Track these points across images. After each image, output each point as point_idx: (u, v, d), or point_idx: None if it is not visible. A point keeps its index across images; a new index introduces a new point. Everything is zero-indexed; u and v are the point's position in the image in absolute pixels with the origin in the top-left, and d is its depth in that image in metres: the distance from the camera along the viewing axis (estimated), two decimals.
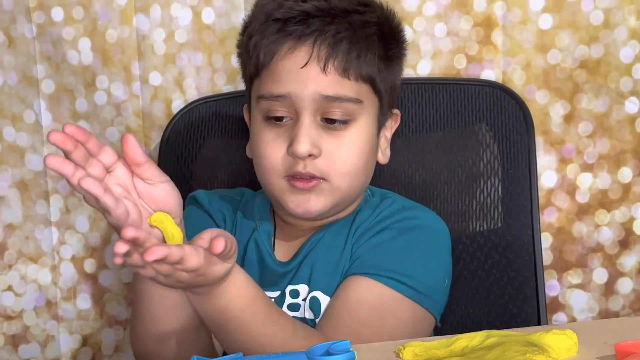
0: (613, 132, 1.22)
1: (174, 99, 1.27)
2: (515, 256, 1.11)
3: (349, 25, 0.92)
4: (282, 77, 0.91)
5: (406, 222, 0.95)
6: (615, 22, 1.19)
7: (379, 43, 0.94)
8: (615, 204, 1.23)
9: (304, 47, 0.90)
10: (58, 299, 1.33)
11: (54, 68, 1.28)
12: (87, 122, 1.29)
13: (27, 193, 1.30)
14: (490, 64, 1.22)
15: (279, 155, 0.92)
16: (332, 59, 0.90)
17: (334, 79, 0.91)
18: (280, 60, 0.91)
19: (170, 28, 1.26)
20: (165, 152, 1.21)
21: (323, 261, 0.95)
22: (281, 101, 0.91)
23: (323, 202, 0.93)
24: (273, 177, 0.93)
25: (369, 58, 0.92)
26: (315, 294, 0.93)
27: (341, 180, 0.93)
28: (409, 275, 0.91)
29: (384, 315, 0.90)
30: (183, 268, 0.73)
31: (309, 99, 0.90)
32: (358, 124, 0.93)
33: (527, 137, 1.13)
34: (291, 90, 0.91)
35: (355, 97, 0.92)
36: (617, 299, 1.25)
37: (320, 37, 0.90)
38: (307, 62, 0.90)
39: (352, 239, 0.95)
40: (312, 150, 0.90)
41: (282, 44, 0.91)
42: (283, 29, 0.91)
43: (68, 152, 0.71)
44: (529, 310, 1.10)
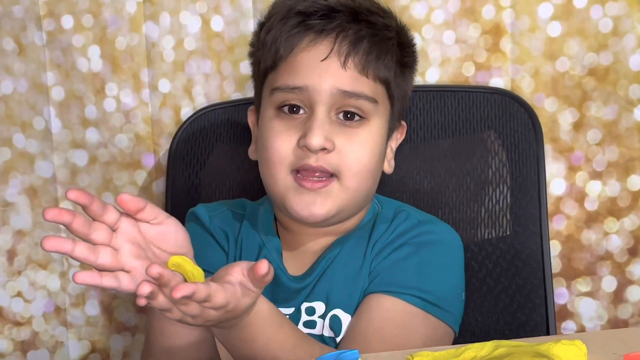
0: (622, 139, 1.21)
1: (183, 106, 1.28)
2: (524, 264, 1.11)
3: (371, 25, 0.92)
4: (301, 69, 0.90)
5: (423, 237, 0.94)
6: (625, 29, 1.19)
7: (397, 48, 0.94)
8: (625, 211, 1.23)
9: (325, 41, 0.90)
10: (67, 305, 1.33)
11: (64, 75, 1.29)
12: (96, 128, 1.29)
13: (36, 199, 1.30)
14: (499, 71, 1.21)
15: (290, 147, 0.90)
16: (353, 55, 0.90)
17: (353, 75, 0.90)
18: (300, 52, 0.90)
19: (179, 36, 1.26)
20: (174, 159, 1.22)
21: (341, 278, 0.93)
22: (297, 93, 0.90)
23: (329, 206, 0.91)
24: (280, 171, 0.91)
25: (387, 61, 0.92)
26: (335, 312, 0.92)
27: (352, 179, 0.91)
28: (430, 292, 0.90)
29: (409, 333, 0.89)
30: (211, 305, 0.71)
31: (326, 93, 0.89)
32: (371, 124, 0.92)
33: (535, 145, 1.13)
34: (309, 82, 0.90)
35: (371, 96, 0.91)
36: (627, 307, 1.24)
37: (342, 32, 0.90)
38: (327, 56, 0.89)
39: (370, 255, 0.94)
40: (326, 144, 0.89)
41: (303, 36, 0.90)
42: (305, 22, 0.91)
43: (67, 224, 0.70)
44: (537, 318, 1.10)
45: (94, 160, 1.30)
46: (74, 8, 1.26)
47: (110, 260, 0.72)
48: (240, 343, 0.79)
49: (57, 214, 0.69)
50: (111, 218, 0.73)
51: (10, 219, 1.30)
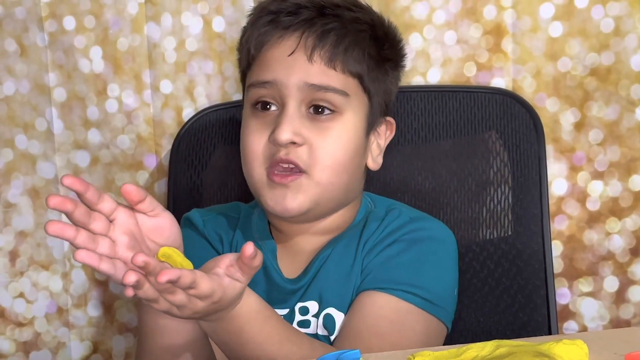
0: (624, 139, 1.21)
1: (185, 107, 1.28)
2: (526, 264, 1.11)
3: (338, 18, 0.93)
4: (270, 64, 0.92)
5: (415, 234, 0.95)
6: (626, 29, 1.19)
7: (370, 42, 0.95)
8: (626, 211, 1.23)
9: (293, 37, 0.92)
10: (69, 306, 1.33)
11: (66, 76, 1.29)
12: (98, 129, 1.30)
13: (38, 200, 1.31)
14: (501, 71, 1.22)
15: (262, 143, 0.92)
16: (319, 49, 0.91)
17: (320, 69, 0.91)
18: (269, 49, 0.93)
19: (181, 36, 1.26)
20: (176, 160, 1.22)
21: (333, 277, 0.94)
22: (268, 88, 0.92)
23: (301, 200, 0.91)
24: (255, 167, 0.93)
25: (356, 53, 0.93)
26: (328, 310, 0.93)
27: (322, 173, 0.91)
28: (422, 288, 0.91)
29: (402, 329, 0.89)
30: (196, 293, 0.72)
31: (294, 87, 0.91)
32: (344, 119, 0.93)
33: (537, 145, 1.13)
34: (277, 76, 0.91)
35: (341, 88, 0.92)
36: (628, 307, 1.24)
37: (309, 28, 0.92)
38: (294, 50, 0.91)
39: (361, 253, 0.94)
40: (294, 138, 0.90)
41: (272, 34, 0.93)
42: (274, 20, 0.93)
43: (69, 213, 0.70)
44: (539, 318, 1.10)
45: (96, 161, 1.30)
46: (75, 9, 1.27)
47: (108, 251, 0.72)
48: (227, 336, 0.80)
49: (60, 202, 0.70)
50: (107, 207, 0.74)
51: (13, 220, 1.30)
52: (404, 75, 1.22)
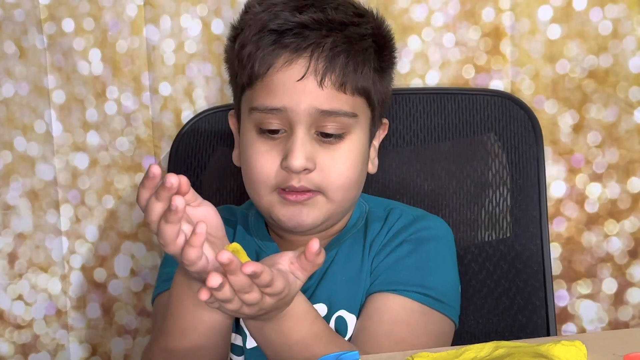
0: (622, 142, 1.21)
1: (184, 109, 1.28)
2: (524, 266, 1.11)
3: (346, 38, 0.90)
4: (277, 90, 0.90)
5: (421, 234, 0.95)
6: (624, 32, 1.19)
7: (374, 55, 0.94)
8: (625, 214, 1.23)
9: (301, 60, 0.89)
10: (68, 308, 1.33)
11: (65, 78, 1.29)
12: (97, 132, 1.30)
13: (37, 202, 1.31)
14: (499, 74, 1.22)
15: (273, 168, 0.91)
16: (330, 72, 0.89)
17: (331, 94, 0.89)
18: (276, 72, 0.90)
19: (179, 39, 1.26)
20: (175, 162, 1.22)
21: (341, 279, 0.94)
22: (276, 114, 0.90)
23: (316, 215, 0.92)
24: (263, 190, 0.92)
25: (365, 71, 0.92)
26: (340, 313, 0.93)
27: (336, 193, 0.92)
28: (432, 288, 0.91)
29: (418, 331, 0.90)
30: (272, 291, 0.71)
31: (304, 113, 0.89)
32: (352, 138, 0.92)
33: (535, 147, 1.13)
34: (287, 103, 0.89)
35: (351, 111, 0.91)
36: (627, 309, 1.24)
37: (317, 50, 0.89)
38: (303, 76, 0.89)
39: (369, 255, 0.94)
40: (307, 165, 0.89)
41: (278, 56, 0.89)
42: (279, 40, 0.90)
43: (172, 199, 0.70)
44: (538, 320, 1.10)
45: (94, 163, 1.30)
46: (74, 11, 1.27)
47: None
48: (276, 336, 0.79)
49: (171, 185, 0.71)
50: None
51: (11, 222, 1.30)
52: (402, 78, 1.23)
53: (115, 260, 1.32)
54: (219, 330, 0.82)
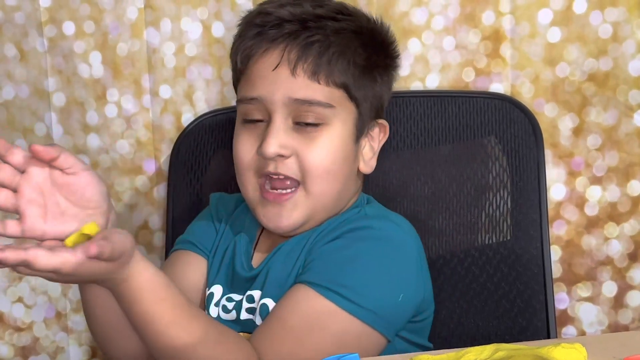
0: (622, 145, 1.22)
1: (184, 112, 1.28)
2: (525, 269, 1.11)
3: (322, 30, 0.93)
4: (255, 80, 0.94)
5: (360, 232, 0.93)
6: (624, 35, 1.19)
7: (356, 50, 0.95)
8: (625, 216, 1.23)
9: (276, 51, 0.93)
10: (68, 311, 1.33)
11: (65, 81, 1.29)
12: (97, 134, 1.30)
13: None
14: (499, 77, 1.22)
15: (251, 155, 0.94)
16: (302, 62, 0.92)
17: (304, 82, 0.92)
18: (254, 63, 0.94)
19: (180, 42, 1.27)
20: (176, 165, 1.22)
21: (279, 268, 0.95)
22: (255, 104, 0.94)
23: (296, 216, 0.93)
24: (248, 178, 0.95)
25: (340, 64, 0.93)
26: (265, 300, 0.94)
27: (314, 182, 0.93)
28: (349, 287, 0.88)
29: (313, 326, 0.88)
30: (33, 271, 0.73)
31: (279, 102, 0.92)
32: (331, 128, 0.93)
33: (536, 150, 1.13)
34: (262, 93, 0.93)
35: (325, 101, 0.93)
36: (627, 312, 1.24)
37: (292, 41, 0.92)
38: (277, 65, 0.92)
39: (308, 247, 0.95)
40: (281, 151, 0.91)
41: (257, 47, 0.94)
42: (260, 33, 0.94)
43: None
44: (538, 323, 1.10)
45: (95, 166, 1.30)
46: (75, 14, 1.27)
47: (4, 201, 0.77)
48: (122, 305, 0.82)
49: None
50: (16, 159, 0.77)
51: None
52: (402, 80, 1.23)
53: None
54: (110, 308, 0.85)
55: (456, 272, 1.12)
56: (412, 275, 0.94)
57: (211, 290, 1.00)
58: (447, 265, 1.13)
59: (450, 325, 1.11)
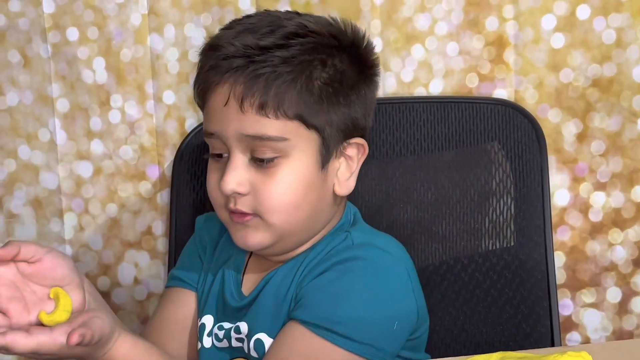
0: (626, 150, 1.22)
1: (188, 118, 1.28)
2: (528, 275, 1.11)
3: (270, 62, 0.89)
4: (211, 114, 0.92)
5: (349, 264, 0.90)
6: (628, 41, 1.19)
7: (310, 76, 0.89)
8: (629, 222, 1.23)
9: (226, 86, 0.89)
10: None
11: (69, 87, 1.29)
12: (101, 140, 1.30)
13: (41, 211, 1.31)
14: (503, 82, 1.22)
15: (216, 189, 0.93)
16: (249, 97, 0.88)
17: (253, 118, 0.88)
18: (209, 98, 0.92)
19: (183, 47, 1.27)
20: (179, 171, 1.22)
21: (270, 302, 0.93)
22: (215, 138, 0.92)
23: (261, 237, 0.92)
24: (218, 209, 0.95)
25: (290, 94, 0.89)
26: (259, 336, 0.92)
27: (272, 216, 0.91)
28: (343, 324, 0.87)
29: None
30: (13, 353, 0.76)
31: (233, 138, 0.90)
32: (289, 161, 0.90)
33: (539, 156, 1.13)
34: (217, 128, 0.91)
35: (278, 135, 0.89)
36: (631, 318, 1.24)
37: (239, 76, 0.89)
38: (227, 101, 0.89)
39: (298, 278, 0.92)
40: (238, 189, 0.90)
41: (211, 81, 0.91)
42: (213, 67, 0.91)
43: None
44: (542, 329, 1.10)
45: (98, 171, 1.31)
46: (79, 20, 1.27)
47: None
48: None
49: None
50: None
51: (15, 230, 1.30)
52: (406, 86, 1.23)
53: (119, 269, 1.32)
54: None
55: (460, 278, 1.12)
56: (404, 301, 0.92)
57: (202, 321, 0.99)
58: (451, 272, 1.12)
59: (454, 332, 1.11)
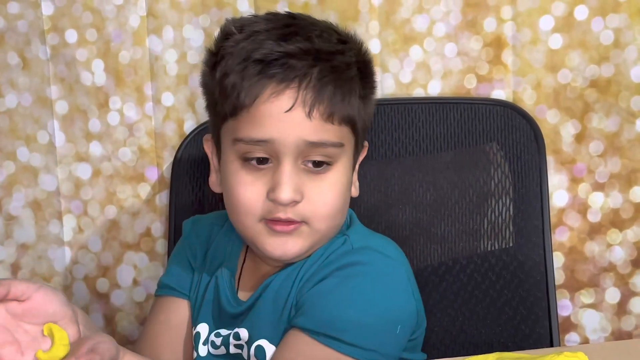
0: (624, 151, 1.21)
1: (186, 119, 1.28)
2: (527, 276, 1.11)
3: (332, 68, 0.88)
4: (264, 121, 0.87)
5: (350, 270, 0.90)
6: (626, 41, 1.19)
7: (359, 83, 0.92)
8: (627, 223, 1.23)
9: (288, 91, 0.87)
10: None
11: (68, 89, 1.29)
12: (100, 142, 1.30)
13: (40, 213, 1.31)
14: (501, 83, 1.22)
15: (259, 199, 0.89)
16: (318, 104, 0.87)
17: (319, 125, 0.87)
18: (263, 103, 0.87)
19: (182, 49, 1.27)
20: (178, 172, 1.22)
21: (270, 308, 0.92)
22: (262, 145, 0.88)
23: (301, 245, 0.90)
24: (248, 221, 0.90)
25: (351, 101, 0.89)
26: (260, 342, 0.91)
27: (321, 223, 0.90)
28: (348, 331, 0.86)
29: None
30: None
31: (292, 145, 0.87)
32: (338, 166, 0.90)
33: (538, 157, 1.13)
34: (274, 135, 0.87)
35: (338, 141, 0.89)
36: (630, 319, 1.24)
37: (304, 81, 0.87)
38: (291, 107, 0.86)
39: (298, 284, 0.92)
40: (295, 197, 0.88)
41: (265, 86, 0.87)
42: (265, 71, 0.87)
43: None
44: (541, 330, 1.10)
45: (97, 173, 1.31)
46: (77, 22, 1.27)
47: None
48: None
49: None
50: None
51: (14, 233, 1.30)
52: (404, 87, 1.23)
53: (118, 271, 1.32)
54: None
55: (458, 279, 1.12)
56: (406, 304, 0.92)
57: (197, 329, 0.97)
58: (449, 272, 1.13)
59: (453, 332, 1.11)
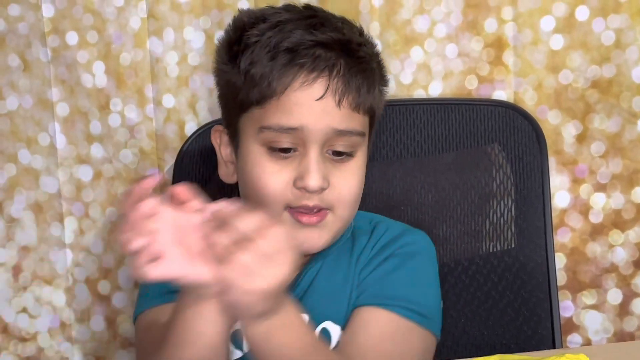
0: (626, 152, 1.21)
1: (187, 121, 1.28)
2: (529, 277, 1.11)
3: (359, 58, 0.91)
4: (295, 109, 0.89)
5: (408, 248, 0.95)
6: (627, 42, 1.19)
7: (379, 75, 0.95)
8: (629, 224, 1.22)
9: (319, 79, 0.89)
10: (72, 321, 1.33)
11: (69, 91, 1.29)
12: (101, 144, 1.30)
13: (41, 215, 1.31)
14: (502, 84, 1.22)
15: (285, 187, 0.90)
16: (348, 93, 0.89)
17: (347, 114, 0.90)
18: (294, 92, 0.89)
19: (183, 51, 1.27)
20: (179, 174, 1.22)
21: (326, 291, 0.94)
22: (290, 133, 0.89)
23: (327, 237, 0.93)
24: (273, 209, 0.91)
25: (375, 91, 0.93)
26: (325, 325, 0.93)
27: (345, 210, 0.93)
28: (418, 303, 0.92)
29: (404, 347, 0.91)
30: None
31: (320, 133, 0.89)
32: (359, 155, 0.93)
33: (539, 158, 1.13)
34: (305, 122, 0.89)
35: (362, 130, 0.92)
36: (632, 320, 1.24)
37: (334, 70, 0.89)
38: (323, 95, 0.89)
39: (355, 267, 0.95)
40: (324, 184, 0.90)
41: (295, 75, 0.89)
42: (295, 59, 0.89)
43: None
44: (543, 331, 1.10)
45: (98, 175, 1.31)
46: (78, 24, 1.27)
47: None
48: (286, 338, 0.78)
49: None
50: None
51: (16, 235, 1.30)
52: (405, 88, 1.23)
53: (120, 273, 1.32)
54: (217, 345, 0.80)
55: (460, 280, 1.12)
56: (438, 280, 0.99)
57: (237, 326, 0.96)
58: (452, 274, 1.12)
59: (455, 334, 1.11)
